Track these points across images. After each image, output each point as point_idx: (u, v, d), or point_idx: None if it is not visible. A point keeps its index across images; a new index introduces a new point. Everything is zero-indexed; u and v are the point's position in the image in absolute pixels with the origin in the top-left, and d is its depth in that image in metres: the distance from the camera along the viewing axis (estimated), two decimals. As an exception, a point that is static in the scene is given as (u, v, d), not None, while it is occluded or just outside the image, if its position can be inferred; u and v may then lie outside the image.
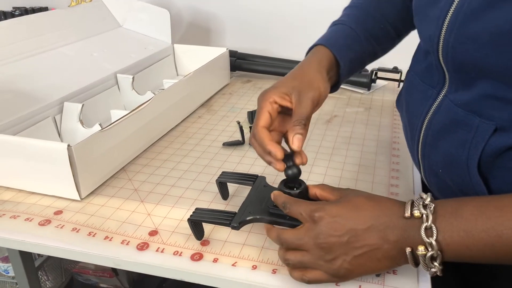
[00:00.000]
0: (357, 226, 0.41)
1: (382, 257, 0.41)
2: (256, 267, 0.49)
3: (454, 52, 0.44)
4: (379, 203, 0.43)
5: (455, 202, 0.40)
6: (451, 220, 0.38)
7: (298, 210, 0.45)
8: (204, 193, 0.64)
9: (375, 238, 0.41)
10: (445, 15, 0.44)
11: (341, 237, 0.41)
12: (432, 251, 0.38)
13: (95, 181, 0.65)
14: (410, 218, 0.40)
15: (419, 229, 0.39)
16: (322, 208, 0.43)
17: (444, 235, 0.38)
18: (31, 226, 0.57)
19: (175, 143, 0.79)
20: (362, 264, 0.42)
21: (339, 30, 0.62)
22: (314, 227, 0.43)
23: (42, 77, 0.81)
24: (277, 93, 0.51)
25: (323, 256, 0.42)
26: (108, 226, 0.57)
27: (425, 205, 0.40)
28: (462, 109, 0.45)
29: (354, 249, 0.41)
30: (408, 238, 0.40)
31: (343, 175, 0.68)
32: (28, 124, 0.72)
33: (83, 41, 0.98)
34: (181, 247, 0.53)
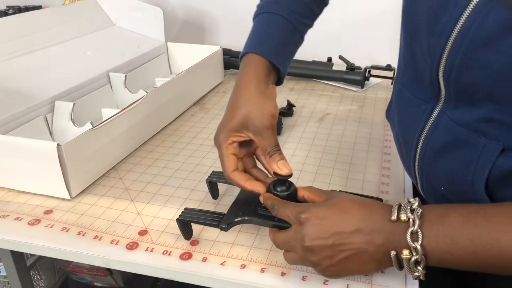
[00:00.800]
0: (343, 229, 0.41)
1: (368, 260, 0.41)
2: (245, 266, 0.49)
3: (459, 74, 0.41)
4: (366, 206, 0.43)
5: (442, 208, 0.40)
6: (437, 226, 0.38)
7: (285, 212, 0.45)
8: (194, 192, 0.63)
9: (361, 241, 0.41)
10: (450, 33, 0.40)
11: (326, 240, 0.41)
12: (416, 256, 0.38)
13: (85, 180, 0.65)
14: (396, 221, 0.40)
15: (405, 233, 0.39)
16: (308, 210, 0.43)
17: (429, 241, 0.38)
18: (21, 225, 0.57)
19: (167, 142, 0.79)
20: (348, 266, 0.42)
21: (269, 24, 0.57)
22: (300, 229, 0.43)
23: (34, 76, 0.81)
24: (230, 135, 0.51)
25: (309, 258, 0.42)
26: (98, 225, 0.57)
27: (413, 209, 0.40)
28: (464, 129, 0.43)
29: (339, 252, 0.41)
30: (394, 241, 0.40)
31: (334, 173, 0.68)
32: (19, 122, 0.72)
33: (76, 39, 0.98)
34: (171, 246, 0.53)
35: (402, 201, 0.60)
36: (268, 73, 0.54)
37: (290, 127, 0.84)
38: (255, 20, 0.58)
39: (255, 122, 0.50)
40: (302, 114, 0.90)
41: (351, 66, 1.05)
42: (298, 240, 0.43)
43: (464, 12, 0.38)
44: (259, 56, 0.54)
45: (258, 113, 0.50)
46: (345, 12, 1.15)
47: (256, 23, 0.58)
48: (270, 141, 0.50)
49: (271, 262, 0.50)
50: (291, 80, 1.11)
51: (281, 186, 0.49)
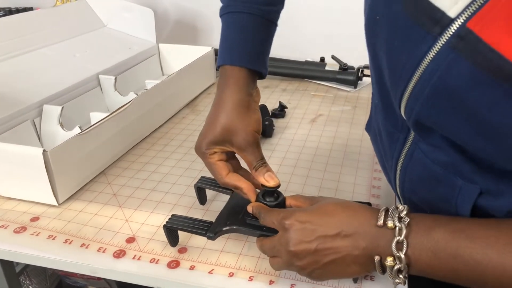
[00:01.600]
0: (326, 232, 0.41)
1: (351, 263, 0.41)
2: (233, 274, 0.48)
3: (420, 118, 0.37)
4: (350, 208, 0.43)
5: (430, 221, 0.39)
6: (423, 239, 0.38)
7: (270, 219, 0.45)
8: (183, 197, 0.63)
9: (344, 244, 0.40)
10: (410, 77, 0.35)
11: (310, 244, 0.41)
12: (400, 265, 0.38)
13: (73, 185, 0.64)
14: (382, 227, 0.39)
15: (391, 241, 0.38)
16: (291, 215, 0.43)
17: (414, 251, 0.38)
18: (6, 233, 0.56)
19: (157, 145, 0.78)
20: (333, 270, 0.42)
21: (237, 26, 0.53)
22: (284, 234, 0.42)
23: (22, 79, 0.80)
24: (213, 147, 0.50)
25: (294, 262, 0.42)
26: (85, 233, 0.56)
27: (400, 217, 0.39)
28: (439, 167, 0.40)
29: (324, 256, 0.41)
30: (378, 247, 0.39)
31: (325, 176, 0.67)
32: (6, 127, 0.71)
33: (66, 41, 0.96)
34: (158, 254, 0.52)
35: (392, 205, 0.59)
36: (249, 82, 0.52)
37: (282, 129, 0.83)
38: (222, 23, 0.55)
39: (238, 139, 0.49)
40: (294, 116, 0.89)
41: (344, 66, 1.05)
42: (283, 245, 0.42)
43: (426, 57, 0.33)
44: (237, 67, 0.51)
45: (242, 130, 0.49)
46: (337, 11, 1.14)
47: (223, 27, 0.55)
48: (255, 156, 0.50)
49: (259, 270, 0.49)
50: (284, 81, 1.10)
51: (270, 197, 0.49)
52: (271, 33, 0.56)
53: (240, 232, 0.49)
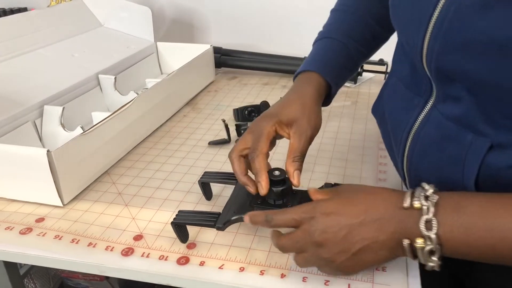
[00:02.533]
0: (351, 220, 0.40)
1: (379, 249, 0.40)
2: (244, 269, 0.48)
3: (439, 62, 0.40)
4: (375, 194, 0.42)
5: (458, 196, 0.38)
6: (453, 215, 0.37)
7: (288, 216, 0.43)
8: (189, 194, 0.62)
9: (371, 231, 0.39)
10: (429, 19, 0.39)
11: (336, 234, 0.40)
12: (431, 245, 0.37)
13: (77, 186, 0.63)
14: (409, 208, 0.38)
15: (419, 221, 0.37)
16: (314, 207, 0.42)
17: (445, 230, 0.36)
18: (12, 235, 0.55)
19: (160, 144, 0.78)
20: (363, 259, 0.41)
21: (329, 47, 0.60)
22: (309, 228, 0.41)
23: (21, 80, 0.79)
24: (278, 122, 0.52)
25: (322, 255, 0.41)
26: (92, 232, 0.55)
27: (427, 196, 0.38)
28: (453, 123, 0.42)
29: (351, 244, 0.40)
30: (406, 229, 0.38)
31: (331, 170, 0.67)
32: (7, 129, 0.70)
33: (63, 41, 0.96)
34: (167, 251, 0.52)
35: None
36: (323, 93, 0.57)
37: (284, 125, 0.83)
38: (316, 44, 0.62)
39: (301, 122, 0.52)
40: (295, 111, 0.89)
41: (343, 61, 1.05)
42: (308, 239, 0.41)
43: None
44: (318, 74, 0.57)
45: (308, 119, 0.52)
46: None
47: (316, 46, 0.62)
48: (303, 148, 0.51)
49: (270, 264, 0.49)
50: (283, 77, 1.10)
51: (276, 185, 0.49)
52: (352, 70, 0.63)
53: None
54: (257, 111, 0.85)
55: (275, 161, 0.67)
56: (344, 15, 0.63)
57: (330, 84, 0.58)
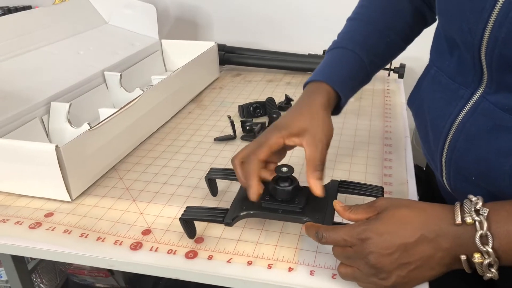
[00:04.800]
0: (406, 240, 0.40)
1: (436, 265, 0.40)
2: (252, 263, 0.49)
3: (504, 49, 0.39)
4: (425, 211, 0.41)
5: (508, 206, 0.38)
6: (507, 226, 0.37)
7: (339, 236, 0.43)
8: (196, 189, 0.63)
9: (427, 249, 0.39)
10: (492, 7, 0.39)
11: (392, 255, 0.40)
12: (489, 259, 0.37)
13: (85, 181, 0.64)
14: (461, 224, 0.38)
15: (474, 236, 0.37)
16: (367, 228, 0.41)
17: (501, 242, 0.37)
18: (22, 229, 0.56)
19: (166, 140, 0.78)
20: (417, 275, 0.41)
21: (342, 58, 0.59)
22: (361, 250, 0.41)
23: (28, 77, 0.80)
24: (287, 134, 0.51)
25: (376, 275, 0.41)
26: (100, 226, 0.56)
27: (477, 210, 0.38)
28: (508, 113, 0.42)
29: (407, 264, 0.40)
30: (462, 245, 0.38)
31: (336, 166, 0.67)
32: (15, 125, 0.71)
33: (68, 39, 0.96)
34: (175, 245, 0.52)
35: (405, 191, 0.60)
36: (332, 102, 0.57)
37: (289, 121, 0.84)
38: (328, 53, 0.61)
39: (314, 131, 0.51)
40: (300, 108, 0.89)
41: (347, 58, 1.05)
42: (363, 258, 0.41)
43: None
44: (327, 84, 0.56)
45: (320, 127, 0.52)
46: (340, 4, 1.15)
47: (328, 56, 0.61)
48: (322, 156, 0.50)
49: (277, 257, 0.49)
50: (287, 74, 1.10)
51: (284, 182, 0.49)
52: (363, 81, 0.62)
53: (258, 216, 0.50)
54: (262, 108, 0.85)
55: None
56: (359, 24, 0.62)
57: (339, 94, 0.57)
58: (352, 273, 0.43)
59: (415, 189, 0.61)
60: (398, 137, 0.76)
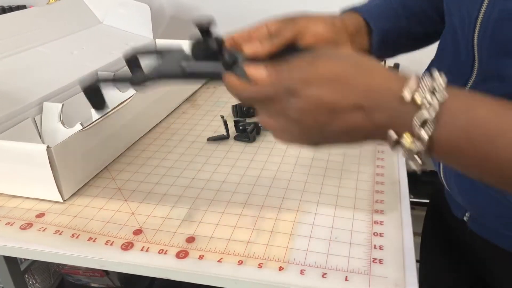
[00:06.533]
0: (339, 102, 0.34)
1: (360, 135, 0.35)
2: (242, 262, 0.49)
3: (495, 29, 0.39)
4: (372, 74, 0.34)
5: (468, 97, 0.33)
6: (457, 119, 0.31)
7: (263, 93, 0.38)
8: (188, 189, 0.63)
9: (358, 119, 0.34)
10: None
11: (319, 118, 0.35)
12: (420, 147, 0.32)
13: (77, 181, 0.64)
14: (408, 102, 0.32)
15: (413, 117, 0.32)
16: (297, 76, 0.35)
17: (441, 134, 0.31)
18: (13, 230, 0.56)
19: (159, 140, 0.78)
20: (338, 139, 0.36)
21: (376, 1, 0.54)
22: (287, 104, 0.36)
23: (20, 77, 0.79)
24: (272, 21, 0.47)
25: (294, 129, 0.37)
26: (92, 227, 0.56)
27: (433, 90, 0.32)
28: None
29: (332, 127, 0.35)
30: (397, 123, 0.33)
31: (328, 165, 0.67)
32: (7, 126, 0.70)
33: (62, 39, 0.96)
34: (166, 245, 0.52)
35: (396, 196, 0.60)
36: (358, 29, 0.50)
37: (283, 120, 0.84)
38: None
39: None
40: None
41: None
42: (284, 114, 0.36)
43: None
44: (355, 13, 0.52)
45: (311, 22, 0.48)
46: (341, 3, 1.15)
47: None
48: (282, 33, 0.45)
49: (268, 257, 0.49)
50: (282, 74, 1.10)
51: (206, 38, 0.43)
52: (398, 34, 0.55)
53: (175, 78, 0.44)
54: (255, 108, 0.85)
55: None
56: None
57: (371, 25, 0.50)
58: (271, 125, 0.39)
59: (407, 189, 0.61)
60: (391, 136, 0.76)
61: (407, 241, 0.51)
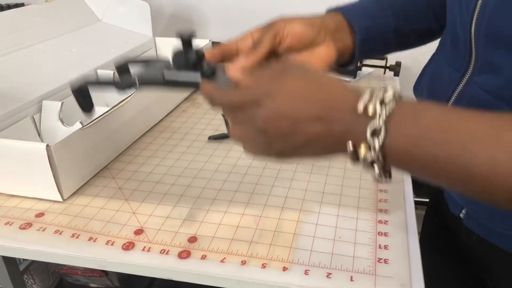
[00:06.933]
0: (299, 115, 0.36)
1: (320, 148, 0.37)
2: (245, 262, 0.48)
3: (490, 21, 0.40)
4: (331, 89, 0.37)
5: (415, 106, 0.35)
6: (406, 126, 0.33)
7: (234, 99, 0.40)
8: (190, 188, 0.62)
9: (317, 130, 0.36)
10: None
11: (282, 127, 0.37)
12: (373, 155, 0.34)
13: (77, 181, 0.63)
14: (362, 113, 0.34)
15: (367, 127, 0.34)
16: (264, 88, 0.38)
17: (392, 142, 0.33)
18: (12, 230, 0.55)
19: (160, 139, 0.77)
20: (300, 152, 0.38)
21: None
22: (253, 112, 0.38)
23: (19, 76, 0.78)
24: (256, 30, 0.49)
25: (260, 140, 0.39)
26: (92, 226, 0.55)
27: (383, 101, 0.34)
28: (490, 96, 0.41)
29: (293, 137, 0.37)
30: (353, 133, 0.35)
31: (331, 164, 0.67)
32: (6, 124, 0.69)
33: (61, 37, 0.95)
34: (168, 245, 0.51)
35: (400, 195, 0.59)
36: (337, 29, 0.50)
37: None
38: None
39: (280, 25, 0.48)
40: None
41: (343, 56, 1.04)
42: (250, 122, 0.38)
43: None
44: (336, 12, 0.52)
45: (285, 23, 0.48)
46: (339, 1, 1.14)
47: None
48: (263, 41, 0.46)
49: (271, 257, 0.49)
50: (282, 72, 1.09)
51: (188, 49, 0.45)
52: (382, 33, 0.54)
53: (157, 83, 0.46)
54: (256, 106, 0.85)
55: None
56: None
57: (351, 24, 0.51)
58: (240, 135, 0.41)
59: (411, 188, 0.61)
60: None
61: (412, 240, 0.50)
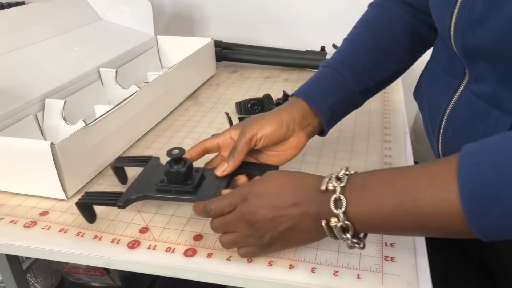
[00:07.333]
0: (280, 204, 0.43)
1: (304, 230, 0.43)
2: (252, 261, 0.48)
3: (464, 38, 0.43)
4: (300, 180, 0.44)
5: (365, 174, 0.41)
6: (360, 192, 0.39)
7: (226, 203, 0.46)
8: (194, 187, 0.62)
9: (296, 213, 0.42)
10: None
11: (266, 214, 0.43)
12: (341, 222, 0.39)
13: (81, 179, 0.63)
14: (325, 191, 0.41)
15: (330, 200, 0.39)
16: (249, 189, 0.45)
17: (353, 206, 0.39)
18: (16, 228, 0.55)
19: (163, 137, 0.77)
20: (289, 237, 0.44)
21: (322, 75, 0.60)
22: (242, 207, 0.44)
23: (22, 74, 0.78)
24: (234, 129, 0.56)
25: (253, 234, 0.44)
26: (97, 225, 0.55)
27: (339, 177, 0.41)
28: (483, 101, 0.44)
29: (279, 224, 0.43)
30: (324, 211, 0.40)
31: (336, 163, 0.67)
32: (8, 123, 0.69)
33: (63, 35, 0.95)
34: (174, 243, 0.51)
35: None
36: (305, 115, 0.56)
37: (287, 117, 0.83)
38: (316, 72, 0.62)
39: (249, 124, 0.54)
40: (298, 105, 0.89)
41: (345, 55, 1.04)
42: (241, 217, 0.44)
43: None
44: (299, 98, 0.57)
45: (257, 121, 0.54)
46: (341, 3, 1.14)
47: (313, 75, 0.62)
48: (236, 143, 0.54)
49: (278, 255, 0.49)
50: (284, 71, 1.10)
51: (177, 164, 0.51)
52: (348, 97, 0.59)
53: (150, 198, 0.52)
54: (259, 104, 0.85)
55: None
56: (347, 44, 0.62)
57: (314, 109, 0.56)
58: (232, 239, 0.46)
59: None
60: (397, 133, 0.75)
61: (419, 238, 0.50)
